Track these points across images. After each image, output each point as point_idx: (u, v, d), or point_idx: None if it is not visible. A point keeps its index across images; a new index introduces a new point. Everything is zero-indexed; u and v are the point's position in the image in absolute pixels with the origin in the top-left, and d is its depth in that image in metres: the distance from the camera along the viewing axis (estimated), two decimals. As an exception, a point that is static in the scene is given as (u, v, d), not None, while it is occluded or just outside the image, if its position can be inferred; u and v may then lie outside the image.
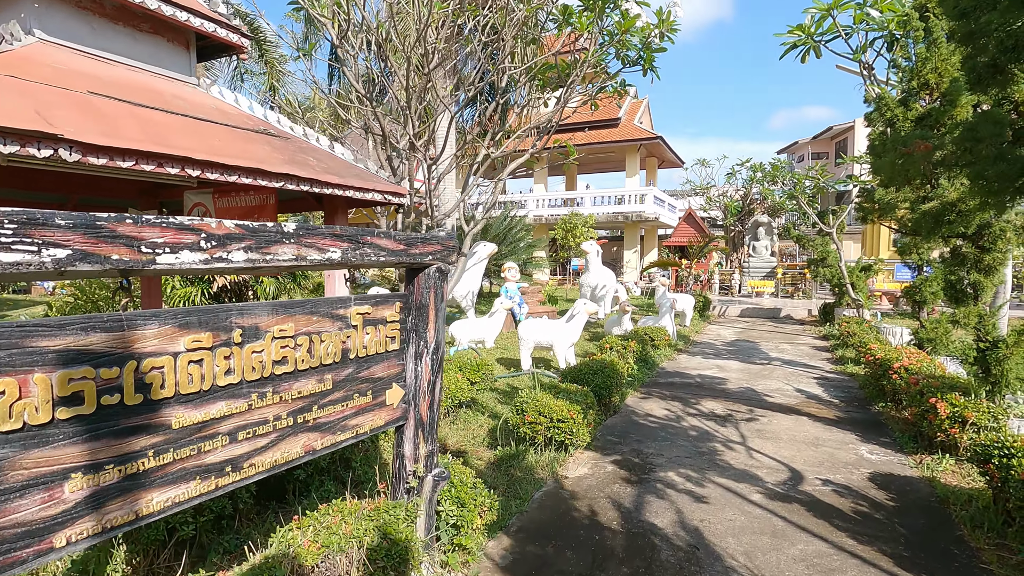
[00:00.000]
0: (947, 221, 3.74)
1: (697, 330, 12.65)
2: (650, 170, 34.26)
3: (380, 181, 5.62)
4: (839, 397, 6.79)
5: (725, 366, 8.76)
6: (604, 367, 5.89)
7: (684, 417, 5.93)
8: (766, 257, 20.94)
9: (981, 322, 4.29)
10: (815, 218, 12.78)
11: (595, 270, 12.83)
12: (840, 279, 12.83)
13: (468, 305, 11.22)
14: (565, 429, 4.48)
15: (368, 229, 2.51)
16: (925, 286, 6.86)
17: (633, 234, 29.29)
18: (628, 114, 30.05)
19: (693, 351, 10.16)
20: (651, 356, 8.81)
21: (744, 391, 7.12)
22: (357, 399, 2.55)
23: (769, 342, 11.23)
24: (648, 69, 9.00)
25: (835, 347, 10.05)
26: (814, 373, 8.23)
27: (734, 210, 22.59)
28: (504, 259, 17.10)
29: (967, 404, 4.43)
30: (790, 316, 15.45)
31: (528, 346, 7.85)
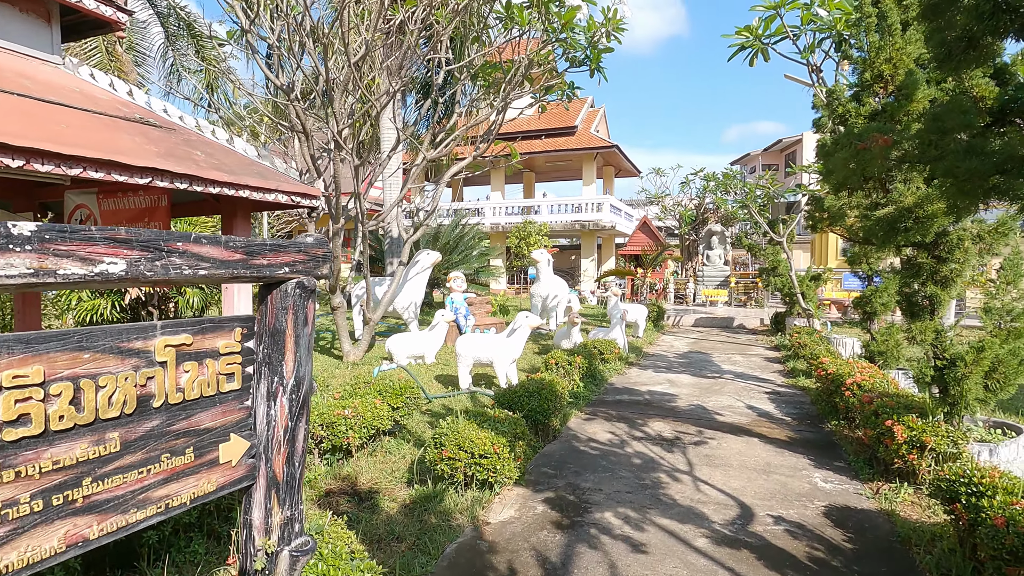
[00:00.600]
0: (903, 228, 3.39)
1: (650, 341, 12.32)
2: (607, 179, 34.31)
3: (286, 181, 4.94)
4: (791, 414, 6.45)
5: (676, 380, 8.36)
6: (542, 388, 5.34)
7: (629, 442, 5.43)
8: (720, 266, 21.02)
9: (938, 338, 3.96)
10: (766, 227, 12.69)
11: (546, 279, 12.36)
12: (791, 288, 12.77)
13: (411, 317, 10.53)
14: (488, 466, 3.89)
15: (180, 232, 1.87)
16: (876, 297, 6.62)
17: (590, 243, 29.12)
18: (585, 122, 29.98)
19: (644, 364, 9.76)
20: (600, 371, 8.34)
21: (694, 409, 6.70)
22: (168, 461, 1.89)
23: (722, 353, 10.96)
24: (595, 69, 8.61)
25: (787, 358, 9.84)
26: (766, 387, 7.92)
27: (688, 219, 22.65)
28: (455, 268, 16.48)
29: (925, 428, 4.07)
30: (743, 325, 15.37)
31: (466, 363, 7.24)
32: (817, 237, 20.51)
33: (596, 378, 8.04)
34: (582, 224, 27.59)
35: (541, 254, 12.15)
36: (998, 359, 3.86)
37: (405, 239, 9.17)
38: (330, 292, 8.48)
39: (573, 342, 9.53)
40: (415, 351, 8.90)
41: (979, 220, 3.88)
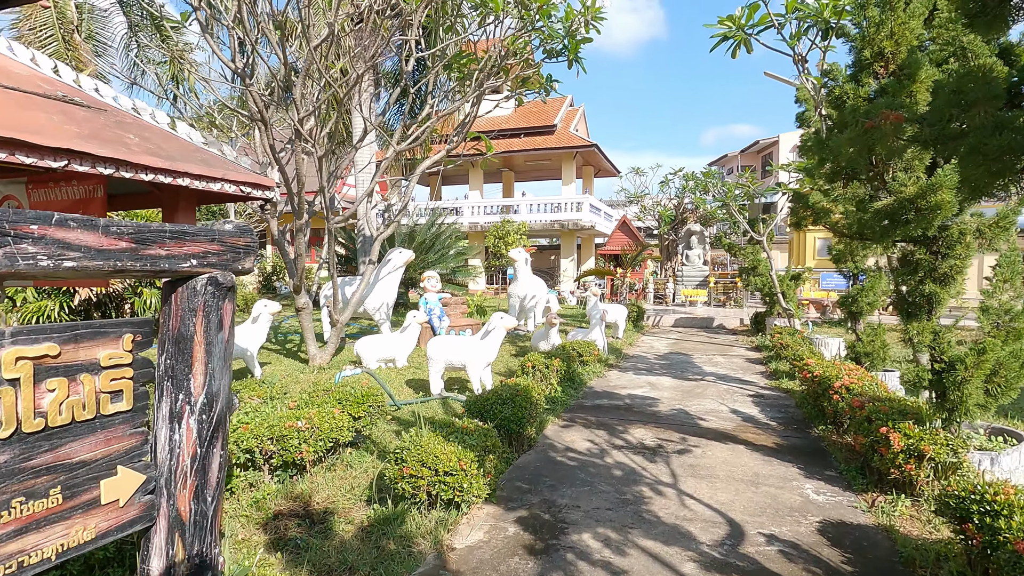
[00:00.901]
0: (903, 221, 3.12)
1: (630, 342, 12.05)
2: (587, 178, 34.16)
3: (235, 169, 4.49)
4: (776, 419, 6.19)
5: (657, 383, 8.08)
6: (516, 395, 4.97)
7: (609, 451, 5.09)
8: (699, 266, 20.93)
9: (936, 340, 3.70)
10: (746, 226, 12.54)
11: (524, 279, 12.01)
12: (771, 288, 12.63)
13: (382, 318, 10.09)
14: (454, 484, 3.50)
15: (37, 213, 1.46)
16: (861, 296, 6.40)
17: (570, 242, 28.89)
18: (564, 121, 29.75)
19: (625, 366, 9.47)
20: (578, 374, 8.01)
21: (677, 414, 6.41)
22: (20, 508, 1.47)
23: (703, 354, 10.74)
24: (573, 60, 8.29)
25: (768, 359, 9.65)
26: (749, 390, 7.68)
27: (667, 219, 22.54)
28: (431, 268, 16.04)
29: (923, 435, 3.81)
30: (723, 326, 15.23)
31: (438, 367, 6.84)
32: (795, 236, 20.56)
33: (575, 381, 7.71)
34: (562, 224, 27.36)
35: (519, 253, 11.80)
36: (999, 362, 3.62)
37: (374, 237, 8.73)
38: (294, 292, 8.00)
39: (551, 344, 9.20)
40: (385, 354, 8.47)
41: (978, 214, 3.64)
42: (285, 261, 8.13)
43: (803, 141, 7.33)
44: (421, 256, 15.78)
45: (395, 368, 8.45)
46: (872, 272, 6.53)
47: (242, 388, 5.52)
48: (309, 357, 8.48)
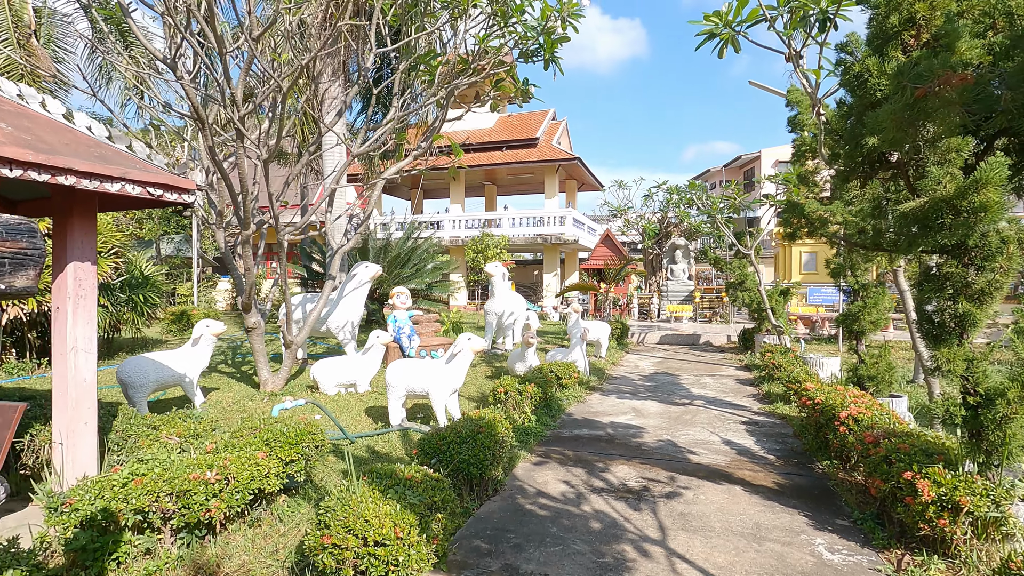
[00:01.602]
0: (939, 226, 2.54)
1: (614, 361, 11.41)
2: (570, 192, 33.80)
3: (140, 167, 3.77)
4: (775, 451, 5.55)
5: (642, 409, 7.42)
6: (478, 432, 4.27)
7: (587, 496, 4.40)
8: (684, 281, 20.46)
9: (971, 369, 3.10)
10: (732, 239, 12.04)
11: (501, 295, 11.35)
12: (759, 304, 12.10)
13: (347, 338, 9.33)
14: (386, 557, 2.78)
15: None
16: (864, 314, 5.83)
17: (553, 257, 28.35)
18: (546, 135, 29.40)
19: (607, 389, 8.80)
20: (556, 399, 7.33)
21: (664, 446, 5.74)
22: None
23: (690, 375, 10.12)
24: (549, 60, 7.74)
25: (760, 380, 9.05)
26: (741, 416, 7.05)
27: (651, 233, 22.10)
28: (408, 283, 15.33)
29: (958, 484, 3.18)
30: (710, 343, 14.67)
31: (398, 394, 6.12)
32: (781, 250, 20.21)
33: (552, 408, 7.02)
34: (544, 238, 26.83)
35: (495, 267, 11.15)
36: (1047, 395, 3.01)
37: (335, 249, 8.02)
38: (243, 310, 7.23)
39: (528, 365, 8.51)
40: (346, 378, 7.71)
41: (1014, 219, 3.08)
42: (233, 276, 7.38)
43: (796, 147, 6.80)
44: (395, 271, 15.06)
45: (356, 394, 7.70)
46: (874, 287, 5.97)
47: (161, 424, 4.74)
48: (261, 382, 7.70)
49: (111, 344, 11.43)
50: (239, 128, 5.53)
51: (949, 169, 2.62)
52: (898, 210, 2.71)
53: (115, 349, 11.38)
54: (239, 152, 5.75)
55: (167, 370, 6.42)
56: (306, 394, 7.62)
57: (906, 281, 5.94)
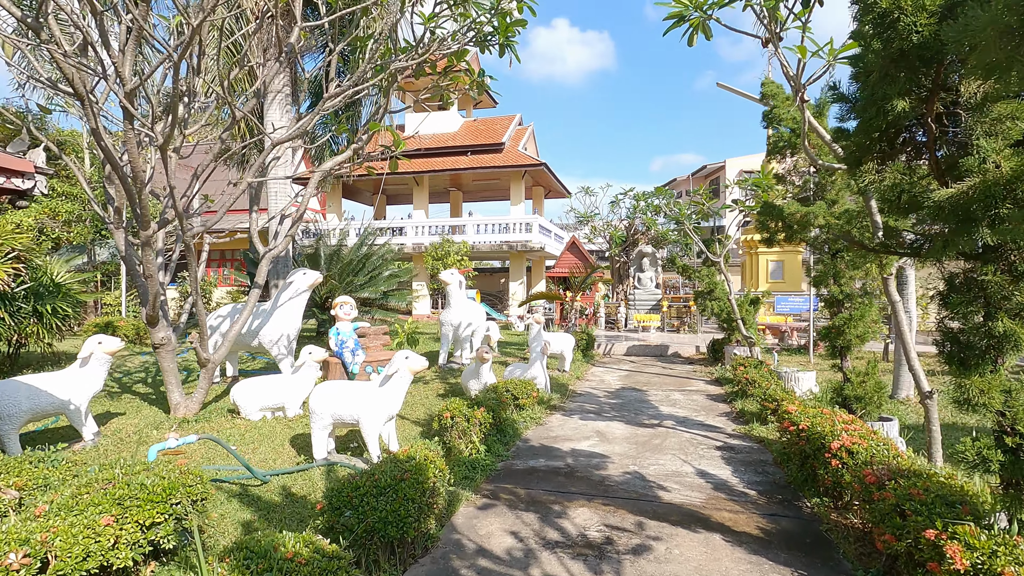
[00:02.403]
0: (992, 216, 1.91)
1: (578, 375, 10.69)
2: (537, 199, 33.24)
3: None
4: (755, 484, 4.88)
5: (607, 432, 6.68)
6: (402, 479, 3.43)
7: (538, 553, 3.60)
8: (651, 289, 20.01)
9: (1009, 403, 2.46)
10: (701, 246, 11.52)
11: (458, 305, 10.52)
12: (729, 314, 11.60)
13: (282, 353, 8.34)
14: None
15: None
16: (850, 327, 5.23)
17: (519, 265, 27.65)
18: (513, 140, 28.79)
19: (570, 408, 8.05)
20: (511, 423, 6.53)
21: (631, 480, 5.00)
22: None
23: (658, 390, 9.47)
24: (505, 47, 7.01)
25: (732, 396, 8.44)
26: (715, 439, 6.38)
27: (618, 240, 21.61)
28: (361, 291, 14.35)
29: (996, 548, 2.51)
30: (678, 353, 14.13)
31: (323, 422, 5.22)
32: (748, 259, 19.98)
33: (506, 433, 6.22)
34: (510, 245, 26.13)
35: (450, 275, 10.32)
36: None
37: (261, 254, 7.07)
38: (148, 324, 6.21)
39: (483, 383, 7.70)
40: (272, 401, 6.75)
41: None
42: (136, 284, 6.35)
43: (772, 143, 6.22)
44: (347, 279, 14.06)
45: (286, 419, 6.74)
46: (859, 298, 5.39)
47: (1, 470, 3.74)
48: (172, 407, 6.67)
49: (15, 360, 10.12)
50: (125, 106, 4.59)
51: (999, 142, 1.99)
52: (929, 200, 2.07)
53: (21, 365, 10.07)
54: (129, 136, 4.80)
55: (45, 396, 5.36)
56: (224, 420, 6.63)
57: (898, 291, 5.40)
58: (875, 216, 4.86)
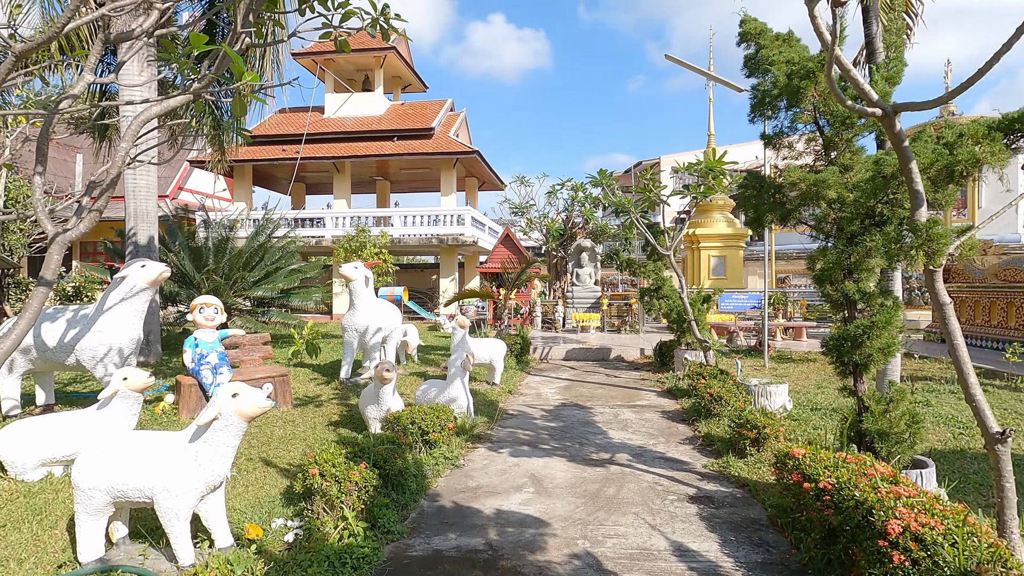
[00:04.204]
0: None
1: (511, 388, 9.03)
2: (470, 191, 31.44)
3: None
4: (757, 568, 3.37)
5: (546, 476, 5.04)
6: None
7: None
8: (591, 286, 18.73)
9: None
10: (649, 237, 10.17)
11: (364, 305, 8.58)
12: (680, 313, 10.33)
13: (105, 372, 6.14)
14: None
15: None
16: (871, 338, 3.83)
17: (450, 260, 25.76)
18: (444, 126, 26.80)
19: (498, 437, 6.36)
20: (416, 470, 4.75)
21: (583, 573, 3.36)
22: None
23: (605, 406, 7.97)
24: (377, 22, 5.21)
25: (693, 414, 7.05)
26: (685, 481, 4.89)
27: (556, 234, 20.19)
28: (256, 288, 12.05)
29: None
30: (621, 357, 12.81)
31: (93, 504, 3.24)
32: (689, 254, 19.12)
33: (406, 490, 4.43)
34: (441, 239, 24.22)
35: (354, 269, 8.36)
36: None
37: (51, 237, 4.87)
38: None
39: (385, 409, 5.88)
40: (60, 451, 4.62)
41: None
42: None
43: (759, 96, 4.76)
44: (236, 274, 11.72)
45: (85, 474, 4.63)
46: (879, 298, 4.00)
47: None
48: None
49: None
50: None
51: None
52: None
53: None
54: None
55: None
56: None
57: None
58: (915, 183, 3.46)
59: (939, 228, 3.28)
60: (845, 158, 4.02)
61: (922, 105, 3.39)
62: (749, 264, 21.90)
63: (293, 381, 8.92)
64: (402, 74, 28.76)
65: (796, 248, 22.92)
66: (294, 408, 7.21)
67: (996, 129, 3.67)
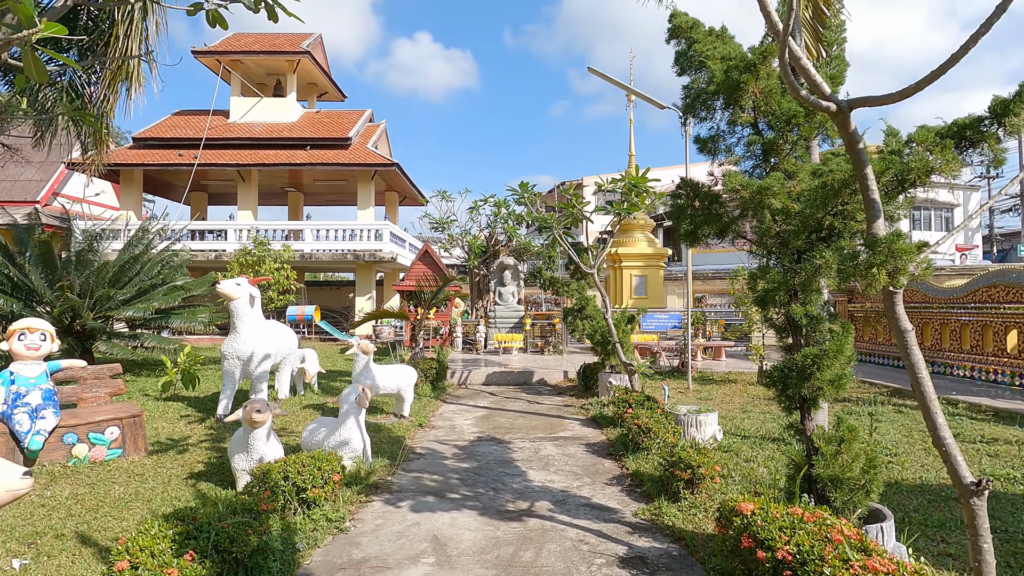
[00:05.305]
0: None
1: (423, 420, 8.07)
2: (390, 205, 30.20)
3: None
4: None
5: (451, 539, 4.17)
6: None
7: None
8: (514, 305, 18.11)
9: None
10: (573, 255, 9.65)
11: (249, 329, 7.36)
12: (604, 334, 9.85)
13: None
14: None
15: None
16: (822, 367, 3.33)
17: (367, 277, 24.35)
18: (362, 137, 25.54)
19: (400, 485, 5.40)
20: (288, 539, 3.72)
21: None
22: None
23: (525, 439, 7.21)
24: None
25: (619, 447, 6.43)
26: (614, 536, 4.19)
27: (478, 251, 19.47)
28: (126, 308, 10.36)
29: None
30: (544, 381, 12.18)
31: None
32: (612, 273, 19.03)
33: (265, 574, 3.40)
34: (357, 254, 22.82)
35: (236, 286, 7.15)
36: None
37: None
38: None
39: (256, 459, 4.79)
40: None
41: None
42: None
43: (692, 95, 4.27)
44: (101, 291, 10.01)
45: None
46: (827, 323, 3.53)
47: None
48: None
49: None
50: None
51: None
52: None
53: None
54: None
55: None
56: None
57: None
58: (872, 191, 3.01)
59: (902, 243, 2.81)
60: (789, 163, 3.54)
61: (879, 100, 2.95)
62: (668, 284, 22.22)
63: (160, 419, 7.50)
64: (318, 81, 27.24)
65: (712, 268, 23.58)
66: (148, 457, 5.88)
67: (946, 136, 3.32)
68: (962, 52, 2.62)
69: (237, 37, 25.61)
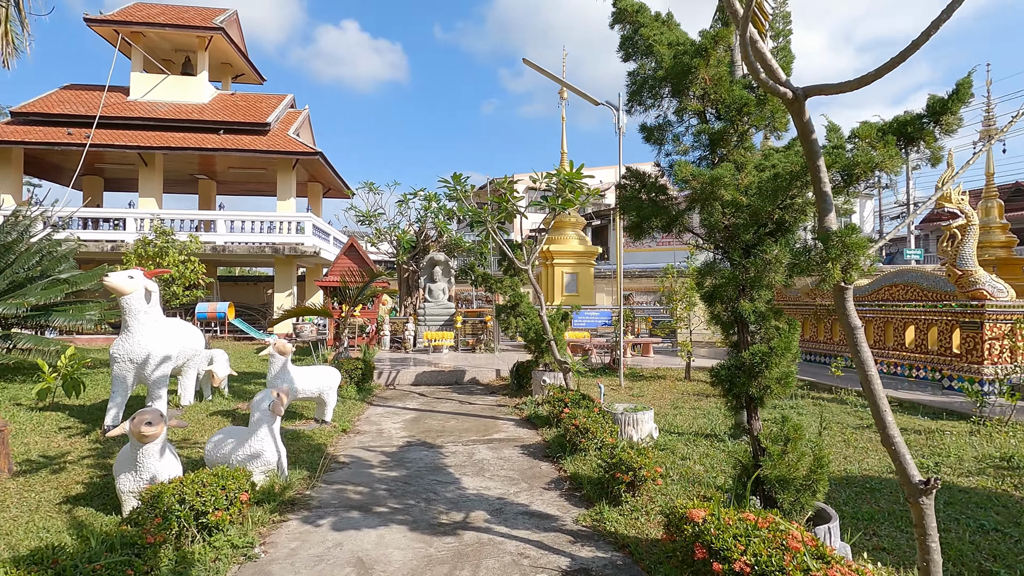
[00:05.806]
0: None
1: (347, 425, 7.51)
2: (313, 197, 28.72)
3: None
4: None
5: (378, 560, 3.75)
6: None
7: None
8: (444, 302, 17.64)
9: None
10: (507, 250, 9.38)
11: (144, 328, 6.51)
12: (539, 332, 9.67)
13: None
14: None
15: None
16: (769, 366, 3.23)
17: (287, 272, 22.98)
18: (282, 124, 24.05)
19: (321, 500, 4.89)
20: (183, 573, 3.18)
21: None
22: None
23: (458, 443, 6.86)
24: None
25: (556, 449, 6.23)
26: (555, 548, 3.94)
27: (407, 245, 18.82)
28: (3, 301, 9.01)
29: None
30: (476, 380, 11.85)
31: None
32: (544, 270, 18.99)
33: (150, 621, 2.85)
34: (277, 248, 21.44)
35: (128, 280, 6.29)
36: None
37: None
38: None
39: (147, 478, 4.15)
40: None
41: None
42: None
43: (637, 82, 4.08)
44: (-38, 285, 8.60)
45: None
46: (774, 320, 3.44)
47: None
48: None
49: None
50: None
51: None
52: None
53: None
54: None
55: None
56: None
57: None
58: (824, 184, 2.91)
59: (856, 237, 2.73)
60: (738, 155, 3.42)
61: (835, 88, 2.85)
62: (597, 281, 22.52)
63: (33, 433, 6.49)
64: (233, 61, 25.35)
65: (639, 267, 24.18)
66: (13, 479, 5.00)
67: (888, 132, 3.31)
68: (912, 48, 2.55)
69: (139, 7, 23.34)
